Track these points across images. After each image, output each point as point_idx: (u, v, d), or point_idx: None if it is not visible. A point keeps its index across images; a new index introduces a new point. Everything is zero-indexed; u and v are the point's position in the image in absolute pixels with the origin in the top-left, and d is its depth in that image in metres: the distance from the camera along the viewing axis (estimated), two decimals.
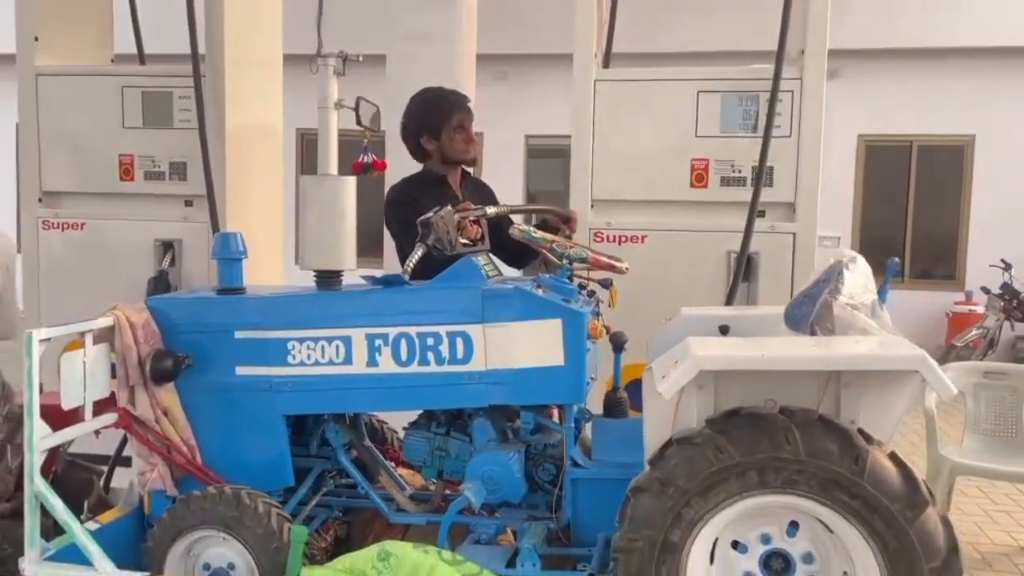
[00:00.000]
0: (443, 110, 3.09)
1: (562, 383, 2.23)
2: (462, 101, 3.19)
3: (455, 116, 3.08)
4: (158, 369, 2.28)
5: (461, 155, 3.12)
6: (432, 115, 3.08)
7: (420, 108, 3.11)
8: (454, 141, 3.08)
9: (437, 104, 3.12)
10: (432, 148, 3.10)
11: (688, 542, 1.88)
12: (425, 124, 3.08)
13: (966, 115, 9.89)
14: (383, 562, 2.05)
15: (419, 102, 3.14)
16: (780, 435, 1.82)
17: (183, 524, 2.17)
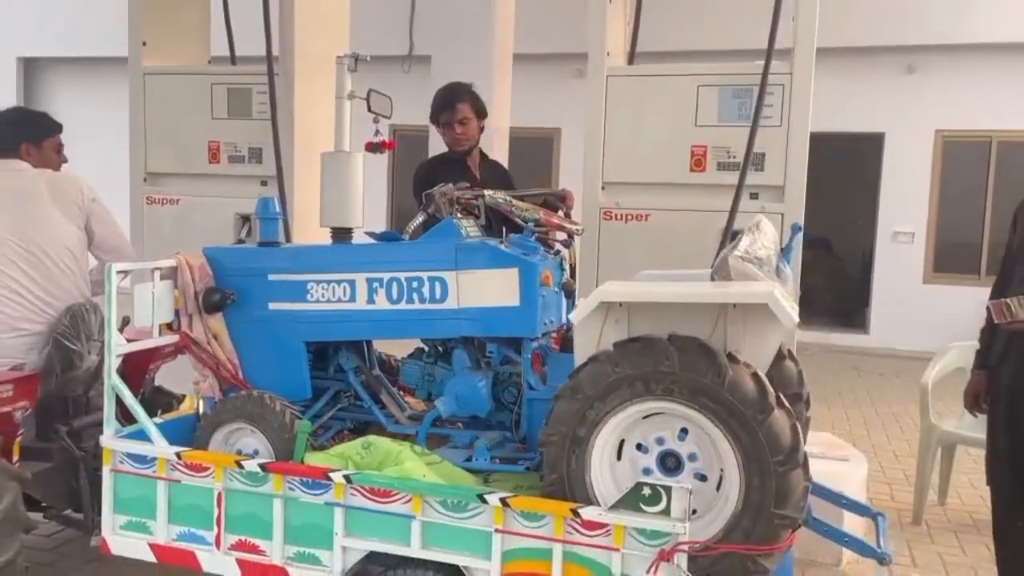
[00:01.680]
0: (437, 106, 3.75)
1: (518, 320, 2.76)
2: (453, 99, 3.81)
3: (444, 114, 3.75)
4: (209, 301, 2.94)
5: (451, 146, 3.77)
6: (434, 110, 3.74)
7: (432, 103, 3.78)
8: (445, 134, 3.73)
9: (436, 100, 3.79)
10: (441, 136, 3.73)
11: (592, 437, 2.38)
12: (432, 117, 3.74)
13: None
14: (365, 449, 2.64)
15: (433, 97, 3.81)
16: (662, 354, 2.30)
17: (221, 418, 2.81)
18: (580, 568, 2.31)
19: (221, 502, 2.62)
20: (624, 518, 2.25)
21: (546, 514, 2.33)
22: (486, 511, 2.38)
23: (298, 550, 2.58)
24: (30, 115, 3.58)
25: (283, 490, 2.56)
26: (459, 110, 3.91)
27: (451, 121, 3.93)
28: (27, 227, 3.25)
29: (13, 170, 3.35)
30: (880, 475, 5.33)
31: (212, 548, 2.65)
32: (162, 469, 2.68)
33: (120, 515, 2.77)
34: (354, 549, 2.52)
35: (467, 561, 2.41)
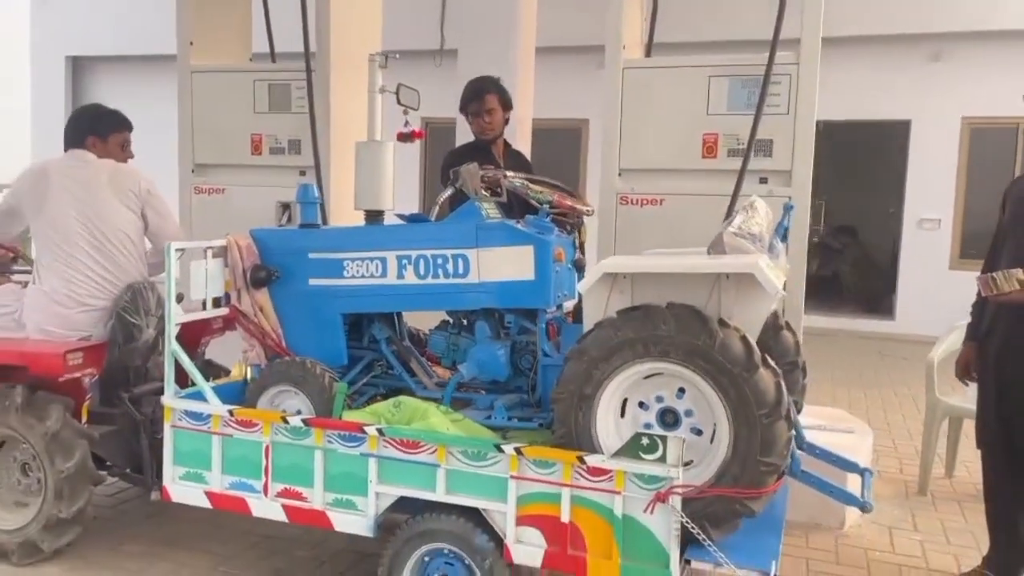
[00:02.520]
0: (465, 98, 4.06)
1: (533, 292, 3.03)
2: (481, 91, 4.10)
3: (472, 104, 4.07)
4: (255, 277, 3.26)
5: (478, 135, 4.08)
6: (463, 101, 4.05)
7: (462, 94, 4.08)
8: (473, 124, 4.05)
9: (466, 92, 4.10)
10: (469, 126, 4.03)
11: (597, 395, 2.65)
12: (461, 107, 4.04)
13: None
14: (395, 408, 2.95)
15: (463, 89, 4.12)
16: (659, 319, 2.56)
17: (268, 381, 3.13)
18: (586, 510, 2.59)
19: (268, 454, 2.94)
20: (624, 464, 2.52)
21: (555, 461, 2.61)
22: (502, 460, 2.67)
23: (336, 496, 2.89)
24: (100, 111, 3.91)
25: (323, 443, 2.87)
26: (487, 101, 4.22)
27: (479, 111, 4.24)
28: (89, 213, 3.59)
29: (79, 161, 3.70)
30: (892, 450, 5.53)
31: (260, 495, 2.97)
32: (216, 425, 3.01)
33: (179, 467, 3.10)
34: (386, 495, 2.82)
35: (486, 504, 2.70)
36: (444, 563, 2.81)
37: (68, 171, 3.64)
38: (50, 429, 3.25)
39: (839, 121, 10.36)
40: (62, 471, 3.25)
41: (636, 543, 2.53)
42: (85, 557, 3.47)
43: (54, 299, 3.58)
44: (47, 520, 3.30)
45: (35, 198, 3.63)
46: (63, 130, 3.80)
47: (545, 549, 2.64)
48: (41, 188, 3.62)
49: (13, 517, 3.42)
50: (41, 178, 3.64)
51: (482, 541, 2.72)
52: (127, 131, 3.89)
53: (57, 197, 3.59)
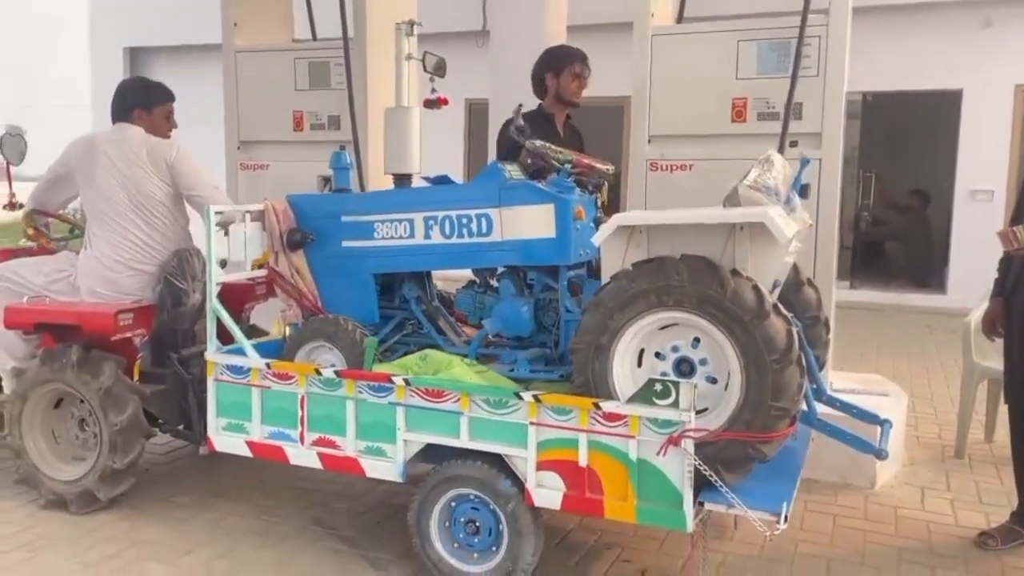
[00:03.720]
0: (569, 55, 4.08)
1: (554, 250, 3.13)
2: (585, 56, 4.13)
3: (577, 64, 4.09)
4: (292, 240, 3.42)
5: (572, 96, 4.12)
6: (559, 57, 4.08)
7: (551, 51, 4.09)
8: (571, 84, 4.05)
9: (566, 50, 4.12)
10: (551, 85, 4.04)
11: (613, 344, 2.73)
12: (551, 63, 4.07)
13: None
14: (422, 360, 3.08)
15: (551, 48, 4.12)
16: (672, 270, 2.63)
17: (304, 337, 3.29)
18: (602, 454, 2.69)
19: (304, 405, 3.10)
20: (638, 410, 2.61)
21: (572, 408, 2.71)
22: (522, 407, 2.78)
23: (367, 444, 3.03)
24: (145, 84, 4.10)
25: (354, 393, 3.02)
26: (587, 65, 4.21)
27: (581, 73, 4.21)
28: (130, 185, 3.78)
29: (122, 135, 3.88)
30: (932, 416, 5.49)
31: (297, 444, 3.13)
32: (255, 378, 3.18)
33: (222, 418, 3.28)
34: (413, 442, 2.96)
35: (507, 450, 2.82)
36: (470, 508, 2.93)
37: (112, 145, 3.83)
38: (103, 385, 3.46)
39: (888, 92, 10.17)
40: (115, 424, 3.46)
41: (651, 486, 2.62)
42: (138, 507, 3.69)
43: (103, 264, 3.78)
44: (102, 471, 3.51)
45: (85, 170, 3.83)
46: (110, 103, 4.00)
47: (564, 492, 2.75)
48: (90, 160, 3.82)
49: (72, 469, 3.65)
50: (89, 150, 3.84)
51: (505, 486, 2.84)
52: (170, 102, 4.07)
53: (104, 170, 3.78)
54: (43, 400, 3.67)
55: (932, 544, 3.50)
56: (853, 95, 9.97)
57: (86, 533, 3.45)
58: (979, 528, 3.61)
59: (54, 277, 3.87)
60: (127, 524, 3.54)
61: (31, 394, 3.62)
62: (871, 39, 9.33)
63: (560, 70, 4.17)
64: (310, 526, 3.54)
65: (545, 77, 4.19)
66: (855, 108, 10.25)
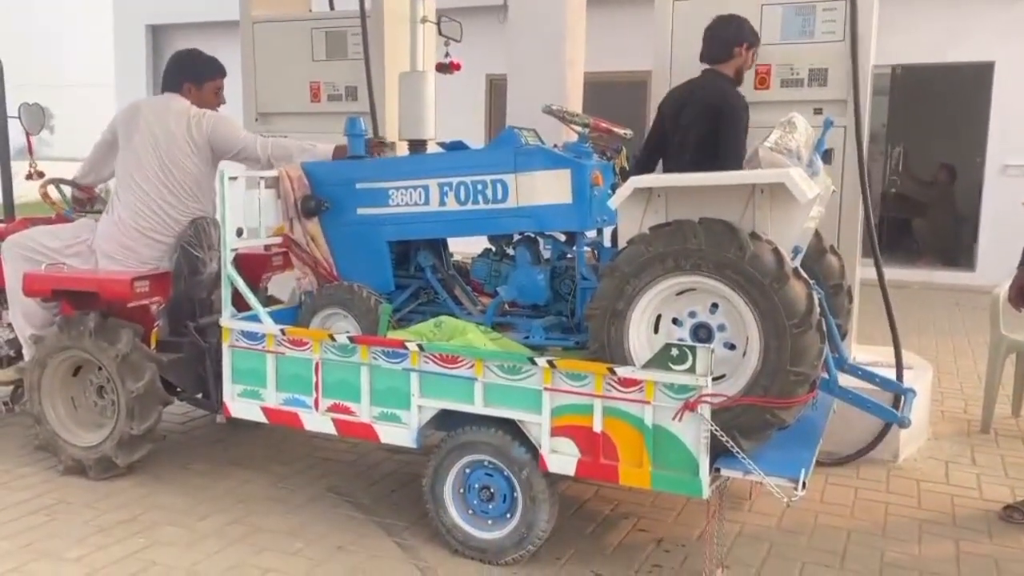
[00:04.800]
0: (756, 37, 3.92)
1: (570, 216, 3.08)
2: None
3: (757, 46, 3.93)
4: (306, 207, 3.40)
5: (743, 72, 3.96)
6: (751, 34, 3.92)
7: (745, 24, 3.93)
8: (746, 60, 3.92)
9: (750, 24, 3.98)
10: (740, 60, 3.88)
11: (629, 310, 2.69)
12: (747, 36, 3.88)
13: None
14: (437, 327, 3.05)
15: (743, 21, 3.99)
16: (690, 233, 2.58)
17: (318, 304, 3.27)
18: (617, 420, 2.65)
19: (318, 371, 3.09)
20: (654, 375, 2.56)
21: (587, 374, 2.68)
22: (536, 373, 2.75)
23: (382, 410, 3.02)
24: (199, 57, 4.02)
25: (368, 359, 3.00)
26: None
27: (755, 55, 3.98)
28: (163, 153, 3.76)
29: (166, 105, 3.86)
30: (958, 392, 5.40)
31: (312, 410, 3.13)
32: (270, 344, 3.17)
33: (237, 384, 3.28)
34: (428, 408, 2.94)
35: (522, 416, 2.79)
36: (484, 474, 2.91)
37: (156, 113, 3.82)
38: (120, 352, 3.47)
39: (918, 65, 9.96)
40: (132, 391, 3.47)
41: (666, 452, 2.59)
42: (155, 474, 3.71)
43: (121, 229, 3.78)
44: (120, 437, 3.53)
45: (125, 132, 3.83)
46: (162, 73, 3.97)
47: (578, 458, 2.72)
48: (132, 122, 3.81)
49: (91, 436, 3.68)
50: (134, 113, 3.83)
51: (519, 452, 2.82)
52: (221, 78, 4.03)
53: (141, 134, 3.77)
54: (62, 367, 3.69)
55: (956, 517, 3.44)
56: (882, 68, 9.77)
57: (103, 498, 3.47)
58: (1004, 502, 3.54)
59: (71, 242, 3.88)
60: (144, 490, 3.56)
61: (50, 361, 3.64)
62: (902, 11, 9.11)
63: (752, 46, 3.94)
64: (325, 494, 3.54)
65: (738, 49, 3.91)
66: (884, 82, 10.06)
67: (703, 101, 3.69)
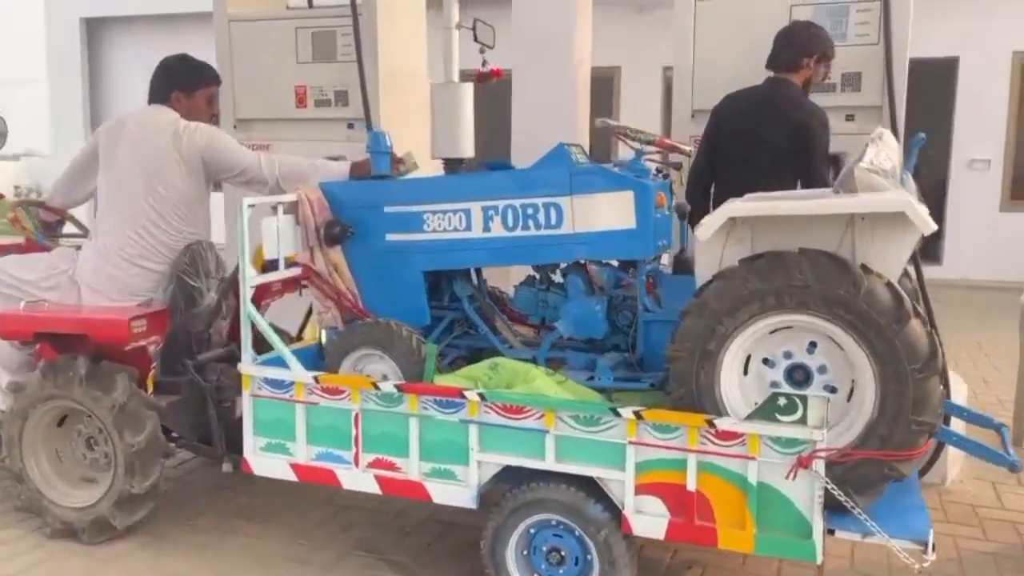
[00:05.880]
0: (827, 42, 3.63)
1: (633, 242, 2.79)
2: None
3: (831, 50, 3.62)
4: (330, 234, 3.03)
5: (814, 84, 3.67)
6: (822, 44, 3.63)
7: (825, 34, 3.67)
8: (816, 73, 3.64)
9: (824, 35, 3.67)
10: (809, 72, 3.60)
11: (721, 352, 2.42)
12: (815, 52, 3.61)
13: None
14: (492, 370, 2.73)
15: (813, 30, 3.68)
16: (794, 267, 2.32)
17: (350, 345, 2.92)
18: (714, 477, 2.38)
19: (358, 423, 2.74)
20: (760, 427, 2.30)
21: (679, 425, 2.39)
22: (619, 424, 2.45)
23: (433, 466, 2.69)
24: (187, 64, 3.60)
25: (418, 409, 2.67)
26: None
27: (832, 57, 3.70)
28: (150, 171, 3.35)
29: (153, 118, 3.44)
30: (972, 399, 5.28)
31: (351, 466, 2.78)
32: (299, 393, 2.81)
33: (260, 437, 2.91)
34: (489, 464, 2.62)
35: (601, 473, 2.49)
36: (552, 535, 2.61)
37: (140, 126, 3.40)
38: (117, 401, 3.06)
39: None
40: (132, 445, 3.06)
41: (772, 512, 2.32)
42: (156, 533, 3.31)
43: (106, 257, 3.37)
44: (118, 496, 3.12)
45: (107, 148, 3.41)
46: (149, 82, 3.55)
47: (668, 520, 2.44)
48: (115, 138, 3.40)
49: (81, 494, 3.25)
50: (117, 129, 3.42)
51: (596, 511, 2.52)
52: (215, 86, 3.62)
53: (126, 151, 3.36)
54: (46, 418, 3.26)
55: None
56: None
57: (102, 565, 3.07)
58: None
59: (48, 273, 3.44)
60: (147, 553, 3.16)
61: (32, 412, 3.20)
62: None
63: (821, 57, 3.66)
64: (353, 551, 3.19)
65: (807, 61, 3.64)
66: None
67: (786, 115, 3.43)
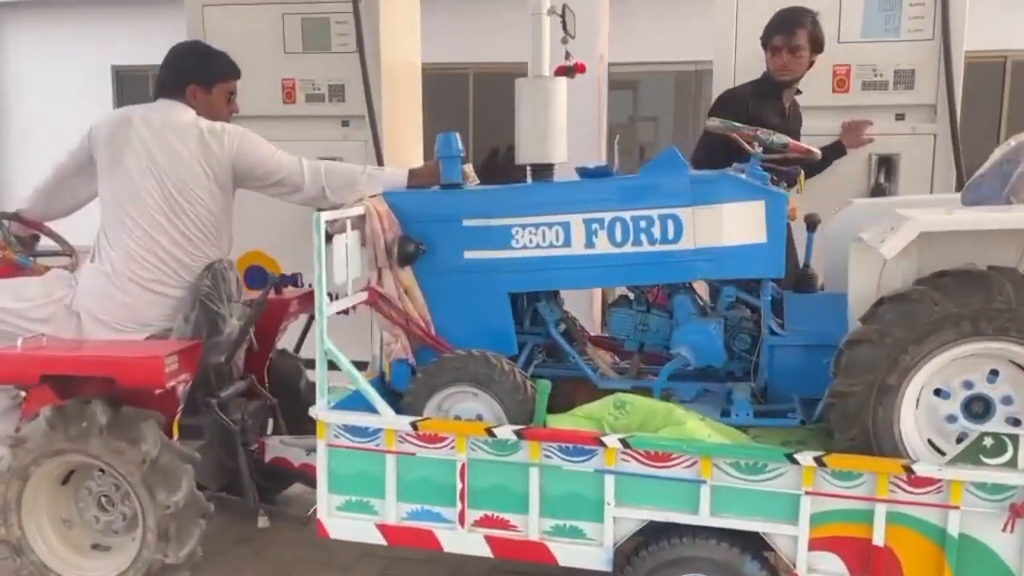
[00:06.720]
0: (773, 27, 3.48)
1: (764, 258, 2.49)
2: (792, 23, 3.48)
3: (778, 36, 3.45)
4: (404, 252, 2.60)
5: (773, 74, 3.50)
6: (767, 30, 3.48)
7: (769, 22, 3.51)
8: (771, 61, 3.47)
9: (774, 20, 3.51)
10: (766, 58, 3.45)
11: (903, 385, 2.14)
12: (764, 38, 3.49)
13: None
14: (619, 409, 2.37)
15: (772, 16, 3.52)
16: (993, 288, 2.06)
17: (438, 382, 2.49)
18: (905, 529, 2.10)
19: (464, 475, 2.33)
20: (964, 473, 2.03)
21: (863, 472, 2.10)
22: (790, 472, 2.14)
23: (557, 523, 2.31)
24: (205, 53, 3.12)
25: (540, 458, 2.28)
26: (797, 35, 3.45)
27: (782, 46, 3.47)
28: (166, 179, 2.86)
29: (168, 116, 2.94)
30: None
31: (454, 526, 2.36)
32: (390, 442, 2.37)
33: (337, 495, 2.45)
34: (628, 519, 2.26)
35: (768, 527, 2.17)
36: None
37: (151, 126, 2.89)
38: (148, 455, 2.55)
39: None
40: (167, 506, 2.56)
41: (975, 568, 2.06)
42: None
43: (114, 282, 2.86)
44: (148, 568, 2.61)
45: (110, 153, 2.89)
46: (156, 74, 3.03)
47: None
48: (120, 138, 2.87)
49: (95, 564, 2.72)
50: (121, 127, 2.89)
51: (753, 569, 2.21)
52: (235, 79, 3.15)
53: (137, 156, 2.85)
54: (50, 477, 2.70)
55: None
56: None
57: None
58: None
59: (41, 302, 2.89)
60: None
61: (35, 470, 2.64)
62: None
63: (767, 44, 3.50)
64: None
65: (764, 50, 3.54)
66: None
67: None
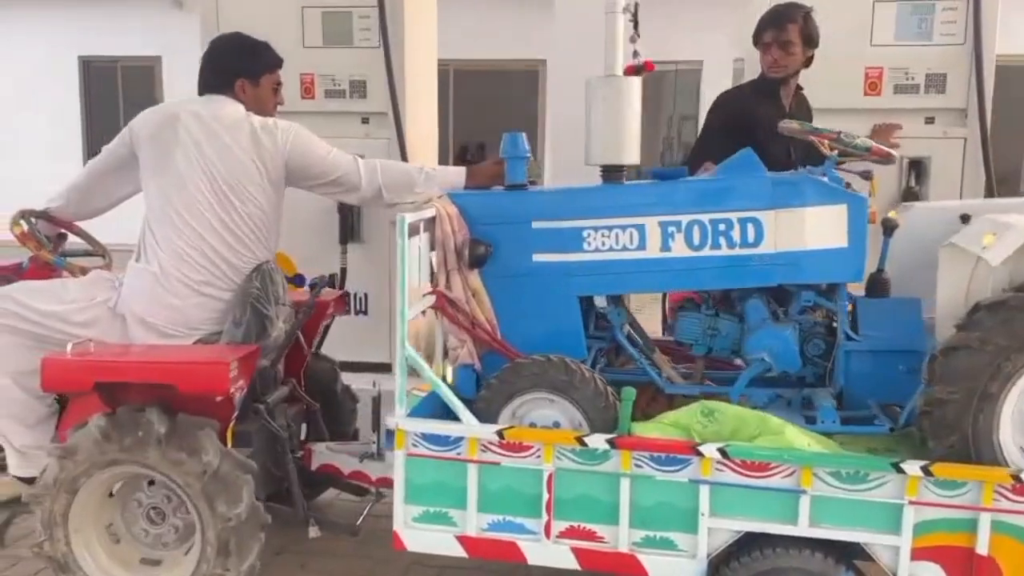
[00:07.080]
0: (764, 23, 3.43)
1: (843, 263, 2.46)
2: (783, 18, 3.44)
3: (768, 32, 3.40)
4: (475, 254, 2.53)
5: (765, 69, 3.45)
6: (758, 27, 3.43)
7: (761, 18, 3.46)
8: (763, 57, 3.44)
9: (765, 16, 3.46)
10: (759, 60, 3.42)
11: (1004, 392, 2.13)
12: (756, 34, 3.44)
13: None
14: (707, 417, 2.32)
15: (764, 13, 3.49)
16: None
17: (514, 388, 2.41)
18: (1008, 538, 2.08)
19: (551, 485, 2.27)
20: None
21: (968, 481, 2.08)
22: (892, 481, 2.11)
23: (647, 534, 2.26)
24: (251, 45, 2.97)
25: (631, 468, 2.23)
26: (787, 31, 3.39)
27: (772, 41, 3.42)
28: (218, 177, 2.75)
29: (218, 111, 2.81)
30: None
31: (539, 537, 2.29)
32: (473, 451, 2.30)
33: (414, 506, 2.37)
34: (724, 530, 2.21)
35: (870, 538, 2.14)
36: None
37: (202, 122, 2.77)
38: (209, 466, 2.43)
39: None
40: (229, 519, 2.45)
41: None
42: None
43: (163, 283, 2.73)
44: None
45: (157, 151, 2.75)
46: (199, 69, 2.90)
47: None
48: (165, 136, 2.74)
49: None
50: (168, 124, 2.76)
51: None
52: (278, 68, 3.02)
53: (186, 152, 2.72)
54: (100, 489, 2.57)
55: None
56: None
57: None
58: None
59: (83, 304, 2.74)
60: None
61: (86, 482, 2.51)
62: None
63: (757, 40, 3.47)
64: None
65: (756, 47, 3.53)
66: None
67: None
